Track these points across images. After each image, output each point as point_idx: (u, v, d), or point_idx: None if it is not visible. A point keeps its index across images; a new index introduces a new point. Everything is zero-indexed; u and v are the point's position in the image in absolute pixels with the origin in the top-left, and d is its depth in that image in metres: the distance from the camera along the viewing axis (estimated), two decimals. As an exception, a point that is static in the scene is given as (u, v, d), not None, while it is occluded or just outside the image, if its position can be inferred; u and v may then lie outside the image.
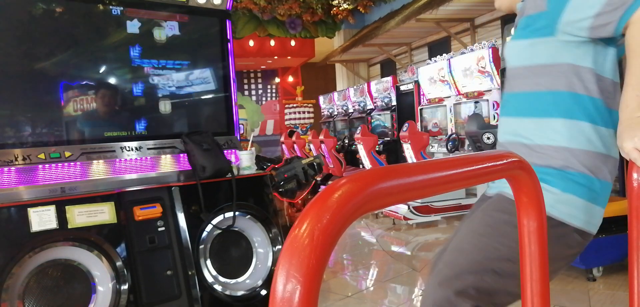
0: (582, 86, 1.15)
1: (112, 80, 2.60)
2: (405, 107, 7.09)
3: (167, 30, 2.68)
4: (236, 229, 2.65)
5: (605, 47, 1.16)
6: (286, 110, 11.58)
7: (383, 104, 7.65)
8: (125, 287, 2.24)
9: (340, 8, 10.14)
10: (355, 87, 8.74)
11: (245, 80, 12.98)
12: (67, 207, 2.18)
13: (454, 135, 5.67)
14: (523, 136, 1.23)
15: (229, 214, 2.58)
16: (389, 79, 7.48)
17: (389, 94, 7.47)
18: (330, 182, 1.78)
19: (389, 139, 7.22)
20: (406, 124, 5.66)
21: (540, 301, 0.88)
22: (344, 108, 9.04)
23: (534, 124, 1.21)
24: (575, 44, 1.14)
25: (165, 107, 2.71)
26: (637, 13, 1.04)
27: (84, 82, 2.48)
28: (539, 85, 1.20)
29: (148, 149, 2.59)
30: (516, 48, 1.25)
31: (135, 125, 2.61)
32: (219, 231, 2.57)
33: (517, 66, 1.25)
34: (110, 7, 2.51)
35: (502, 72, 4.86)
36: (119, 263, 2.24)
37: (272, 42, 10.87)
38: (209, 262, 2.53)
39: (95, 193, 2.30)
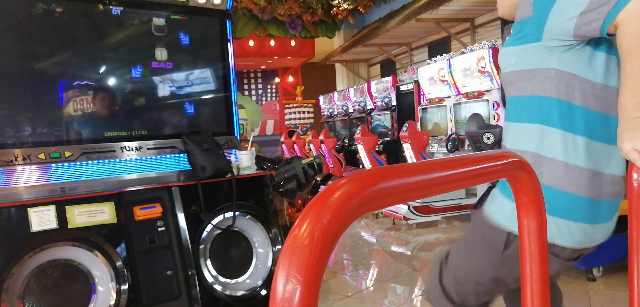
0: (565, 93, 1.14)
1: (112, 81, 2.60)
2: (405, 107, 7.08)
3: (167, 30, 2.68)
4: (236, 229, 2.65)
5: (593, 51, 1.13)
6: (286, 110, 11.57)
7: (383, 104, 7.64)
8: (125, 287, 2.24)
9: (340, 8, 10.13)
10: (355, 87, 8.73)
11: (245, 80, 12.95)
12: (67, 207, 2.18)
13: (454, 135, 5.67)
14: (507, 139, 1.27)
15: (229, 214, 2.58)
16: (389, 79, 7.47)
17: (389, 94, 7.46)
18: (330, 182, 1.78)
19: (389, 139, 7.22)
20: (406, 124, 5.66)
21: (540, 301, 0.88)
22: (344, 108, 9.03)
23: (517, 128, 1.24)
24: (561, 49, 1.13)
25: (165, 106, 2.71)
26: (623, 12, 1.01)
27: (84, 82, 2.48)
28: (524, 90, 1.21)
29: (148, 149, 2.59)
30: (505, 54, 1.27)
31: (135, 125, 2.60)
32: (219, 231, 2.57)
33: (507, 72, 1.27)
34: (110, 7, 2.51)
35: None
36: (119, 263, 2.24)
37: (272, 42, 10.85)
38: (209, 262, 2.53)
39: (95, 193, 2.30)
